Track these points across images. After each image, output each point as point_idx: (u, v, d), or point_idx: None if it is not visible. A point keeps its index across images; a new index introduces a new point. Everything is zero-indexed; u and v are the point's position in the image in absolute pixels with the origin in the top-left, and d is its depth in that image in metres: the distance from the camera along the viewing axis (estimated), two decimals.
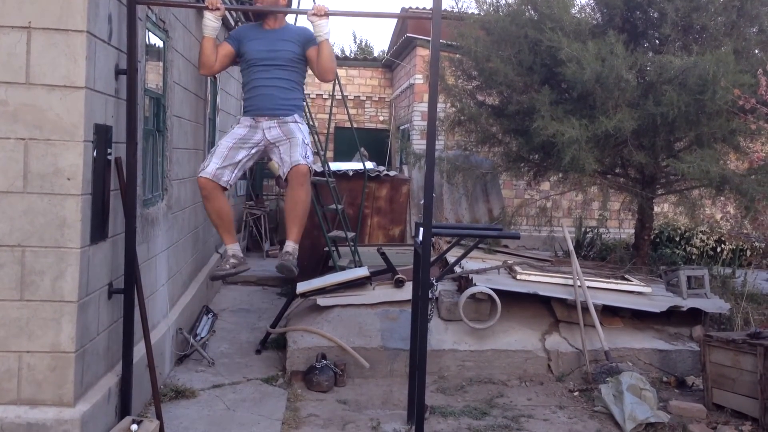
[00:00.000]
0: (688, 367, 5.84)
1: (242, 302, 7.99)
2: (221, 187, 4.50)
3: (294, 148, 4.45)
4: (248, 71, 4.66)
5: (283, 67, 4.61)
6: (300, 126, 4.61)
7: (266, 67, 4.59)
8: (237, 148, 4.50)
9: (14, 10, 3.31)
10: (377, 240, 9.11)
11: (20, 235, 3.38)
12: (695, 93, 6.34)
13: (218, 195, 4.48)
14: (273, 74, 4.60)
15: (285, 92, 4.63)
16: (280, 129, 4.55)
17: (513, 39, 7.35)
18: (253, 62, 4.60)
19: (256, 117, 4.61)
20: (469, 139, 8.69)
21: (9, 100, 3.33)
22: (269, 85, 4.59)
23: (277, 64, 4.59)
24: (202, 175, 4.43)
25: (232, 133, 4.60)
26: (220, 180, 4.43)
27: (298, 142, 4.49)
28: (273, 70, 4.59)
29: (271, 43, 4.59)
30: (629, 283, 6.66)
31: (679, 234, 10.18)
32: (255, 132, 4.57)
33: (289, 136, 4.53)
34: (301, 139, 4.51)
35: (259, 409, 4.82)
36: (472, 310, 5.87)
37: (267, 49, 4.57)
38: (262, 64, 4.58)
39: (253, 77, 4.64)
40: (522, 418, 4.91)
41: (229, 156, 4.45)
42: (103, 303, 3.86)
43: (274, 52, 4.58)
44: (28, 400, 3.43)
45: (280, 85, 4.61)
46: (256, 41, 4.61)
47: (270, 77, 4.60)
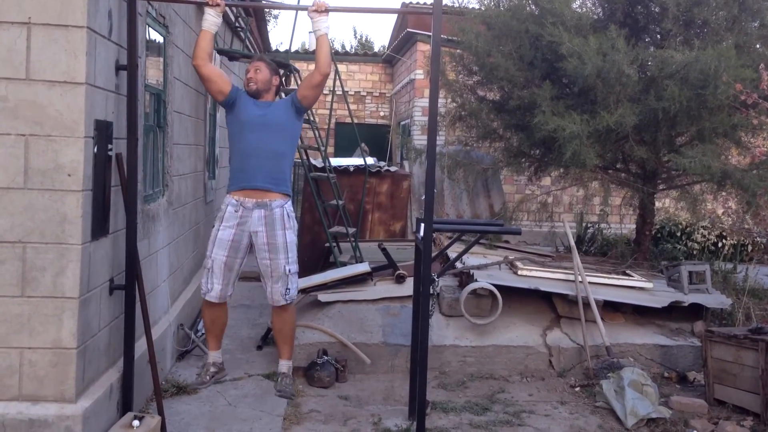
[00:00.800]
0: (689, 362, 5.84)
1: (243, 298, 7.99)
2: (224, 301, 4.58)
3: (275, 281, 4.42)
4: (239, 133, 4.49)
5: (276, 132, 4.48)
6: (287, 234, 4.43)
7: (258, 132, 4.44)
8: (232, 259, 4.44)
9: (14, 6, 3.30)
10: (378, 236, 9.11)
11: (21, 231, 3.37)
12: (697, 88, 6.33)
13: (221, 306, 4.56)
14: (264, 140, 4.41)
15: (274, 163, 4.48)
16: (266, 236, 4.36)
17: (514, 34, 7.33)
18: (245, 123, 4.46)
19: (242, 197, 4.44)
20: (470, 135, 8.67)
21: (9, 96, 3.33)
22: (259, 155, 4.42)
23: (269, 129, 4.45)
24: (209, 299, 4.47)
25: (221, 240, 4.42)
26: (225, 297, 4.52)
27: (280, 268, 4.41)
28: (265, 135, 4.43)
29: (264, 109, 4.49)
30: (630, 278, 6.66)
31: (681, 229, 10.18)
32: (242, 235, 4.41)
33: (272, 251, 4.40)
34: (283, 267, 4.41)
35: (261, 404, 4.83)
36: (473, 305, 5.87)
37: (260, 114, 4.47)
38: (255, 129, 4.45)
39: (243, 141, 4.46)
40: (523, 414, 4.91)
41: (226, 273, 4.46)
42: (105, 299, 3.86)
43: (267, 117, 4.47)
44: (30, 397, 3.43)
45: (269, 155, 4.45)
46: (251, 106, 4.50)
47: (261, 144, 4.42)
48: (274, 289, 4.48)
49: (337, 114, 15.50)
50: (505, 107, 7.81)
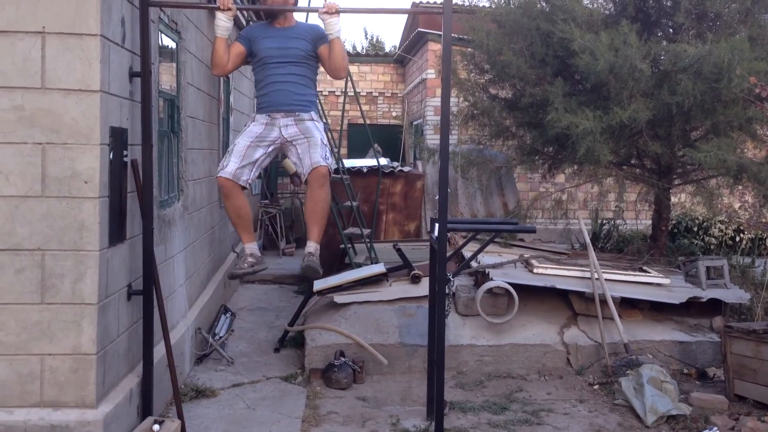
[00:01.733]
0: (708, 358, 5.80)
1: (260, 301, 8.02)
2: (241, 186, 4.52)
3: (313, 149, 4.44)
4: (261, 69, 4.65)
5: (296, 63, 4.61)
6: (317, 124, 4.60)
7: (279, 64, 4.59)
8: (254, 147, 4.50)
9: (28, 16, 3.34)
10: (393, 236, 9.12)
11: (40, 239, 3.41)
12: (710, 81, 6.28)
13: (238, 194, 4.51)
14: (286, 70, 4.59)
15: (299, 88, 4.62)
16: (297, 127, 4.54)
17: (525, 31, 7.31)
18: (265, 60, 4.59)
19: (272, 114, 4.60)
20: (483, 133, 8.65)
21: (25, 105, 3.36)
22: (283, 80, 4.58)
23: (289, 60, 4.59)
24: (222, 174, 4.45)
25: (248, 131, 4.59)
26: (239, 179, 4.45)
27: (317, 141, 4.47)
28: (286, 66, 4.59)
29: (282, 41, 4.58)
30: (647, 274, 6.61)
31: (697, 224, 10.10)
32: (271, 130, 4.56)
33: (306, 135, 4.51)
34: (320, 138, 4.50)
35: (279, 407, 4.84)
36: (489, 304, 5.86)
37: (279, 47, 4.57)
38: (274, 61, 4.58)
39: (266, 74, 4.63)
40: (542, 413, 4.90)
41: (247, 155, 4.46)
42: (123, 304, 3.89)
43: (287, 50, 4.58)
44: (51, 402, 3.46)
45: (294, 80, 4.60)
46: (267, 39, 4.60)
47: (284, 73, 4.59)
48: (313, 154, 4.42)
49: (349, 115, 15.50)
50: (517, 105, 7.78)
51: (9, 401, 3.43)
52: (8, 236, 3.38)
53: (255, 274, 4.80)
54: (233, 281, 7.94)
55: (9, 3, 3.32)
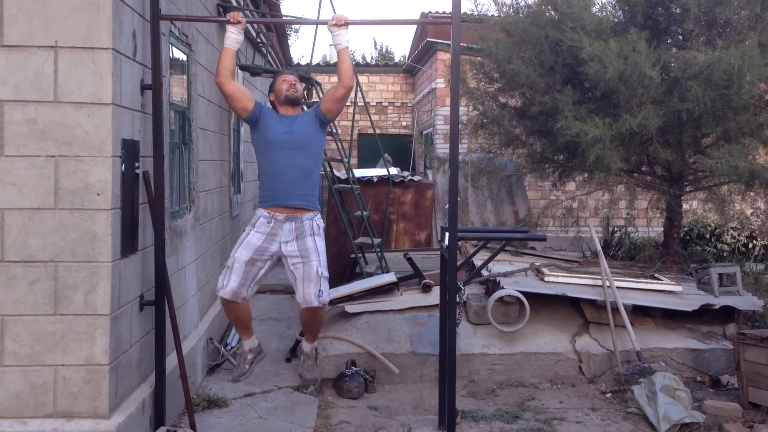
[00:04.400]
0: (722, 365, 5.76)
1: (271, 311, 8.04)
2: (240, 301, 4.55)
3: (307, 281, 4.40)
4: (266, 152, 4.56)
5: (303, 149, 4.53)
6: (317, 239, 4.50)
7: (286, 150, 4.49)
8: (253, 263, 4.45)
9: (41, 30, 3.38)
10: (403, 245, 9.11)
11: (53, 250, 3.44)
12: (721, 88, 6.27)
13: (238, 305, 4.53)
14: (293, 158, 4.48)
15: (303, 181, 4.55)
16: (296, 244, 4.45)
17: (534, 40, 7.32)
18: (272, 143, 4.51)
19: (275, 211, 4.51)
20: (493, 142, 8.66)
21: (38, 119, 3.40)
22: (288, 174, 4.50)
23: (296, 147, 4.51)
24: (222, 295, 4.45)
25: (248, 242, 4.46)
26: (238, 297, 4.45)
27: (312, 271, 4.39)
28: (293, 153, 4.50)
29: (290, 126, 4.54)
30: (659, 282, 6.59)
31: (710, 231, 10.04)
32: (271, 243, 4.45)
33: (304, 257, 4.41)
34: (316, 268, 4.43)
35: (291, 417, 4.85)
36: (500, 313, 5.85)
37: (286, 131, 4.51)
38: (281, 147, 4.50)
39: (271, 159, 4.52)
40: (554, 421, 4.88)
41: (246, 273, 4.44)
42: (135, 315, 3.91)
43: (293, 134, 4.51)
44: (65, 413, 3.49)
45: (298, 174, 4.50)
46: (276, 123, 4.55)
47: (290, 162, 4.48)
48: (306, 290, 4.42)
49: (359, 125, 15.55)
50: (527, 113, 7.79)
51: (23, 412, 3.46)
52: (22, 248, 3.42)
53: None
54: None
55: (22, 18, 3.36)
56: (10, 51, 3.37)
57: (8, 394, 3.45)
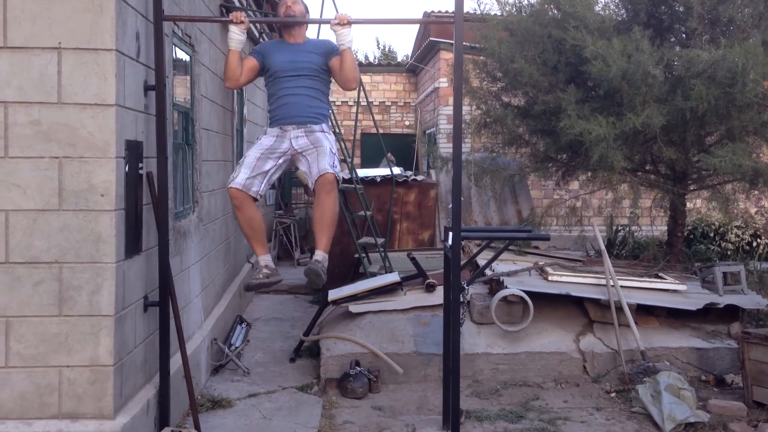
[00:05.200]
0: (726, 365, 5.75)
1: (275, 311, 8.04)
2: (252, 197, 4.53)
3: (321, 157, 4.46)
4: (274, 83, 4.70)
5: (308, 76, 4.66)
6: (327, 135, 4.64)
7: (291, 78, 4.63)
8: (265, 158, 4.52)
9: (45, 32, 3.39)
10: (407, 245, 9.11)
11: (57, 251, 3.44)
12: (724, 86, 6.25)
13: (249, 205, 4.51)
14: (299, 83, 4.64)
15: (311, 101, 4.66)
16: (307, 138, 4.58)
17: (536, 39, 7.31)
18: (278, 73, 4.65)
19: (283, 126, 4.64)
20: (496, 141, 8.65)
21: (42, 120, 3.41)
22: (295, 93, 4.63)
23: (301, 74, 4.64)
24: (232, 185, 4.47)
25: (260, 143, 4.63)
26: (249, 190, 4.46)
27: (326, 150, 4.50)
28: (298, 80, 4.64)
29: (294, 55, 4.64)
30: (663, 281, 6.58)
31: (714, 229, 10.02)
32: (282, 141, 4.59)
33: (316, 144, 4.54)
34: (329, 148, 4.53)
35: (295, 417, 4.85)
36: (504, 312, 5.85)
37: (291, 60, 4.62)
38: (287, 75, 4.63)
39: (278, 88, 4.68)
40: (559, 421, 4.87)
41: (257, 166, 4.47)
42: (139, 316, 3.92)
43: (298, 63, 4.63)
44: (69, 414, 3.49)
45: (306, 93, 4.65)
46: (280, 54, 4.66)
47: (296, 86, 4.63)
48: (321, 161, 4.41)
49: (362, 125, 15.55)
50: (530, 112, 7.78)
51: (28, 413, 3.47)
52: (26, 249, 3.42)
53: (270, 285, 4.77)
54: (248, 292, 7.97)
55: (26, 19, 3.37)
56: (13, 52, 3.38)
57: (13, 395, 3.46)
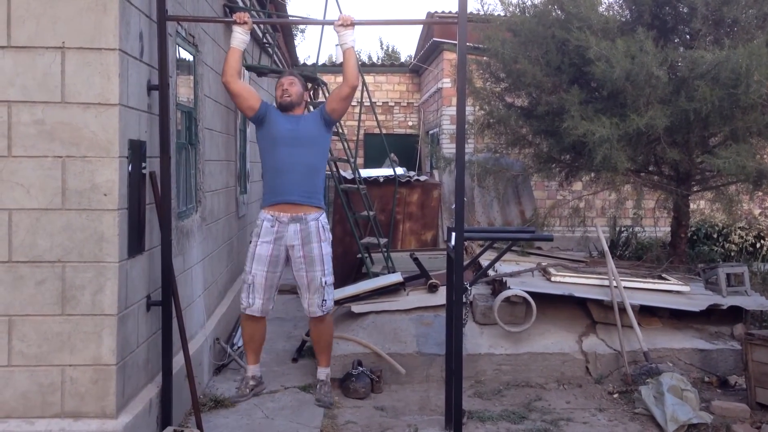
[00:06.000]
0: (730, 366, 5.74)
1: (277, 311, 8.03)
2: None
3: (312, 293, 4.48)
4: (270, 149, 4.60)
5: (308, 146, 4.57)
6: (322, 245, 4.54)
7: (290, 147, 4.55)
8: (272, 276, 4.57)
9: (48, 31, 3.39)
10: (410, 245, 9.11)
11: (60, 251, 3.45)
12: (728, 87, 6.24)
13: (259, 324, 4.60)
14: (297, 154, 4.54)
15: (308, 177, 4.58)
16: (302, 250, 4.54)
17: (540, 39, 7.31)
18: (277, 140, 4.56)
19: (277, 213, 4.53)
20: (499, 142, 8.65)
21: (46, 120, 3.41)
22: (292, 169, 4.54)
23: (301, 144, 4.55)
24: (252, 313, 4.51)
25: (259, 256, 4.56)
26: (267, 313, 4.55)
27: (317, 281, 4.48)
28: (297, 150, 4.55)
29: (296, 125, 4.59)
30: (667, 282, 6.57)
31: (717, 231, 10.01)
32: (279, 248, 4.56)
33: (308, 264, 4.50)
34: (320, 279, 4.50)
35: (298, 417, 4.85)
36: (507, 313, 5.84)
37: (292, 129, 4.57)
38: (286, 143, 4.54)
39: (275, 155, 4.59)
40: (561, 422, 4.87)
41: (267, 287, 4.56)
42: (142, 315, 3.92)
43: (298, 131, 4.58)
44: (72, 413, 3.50)
45: (302, 170, 4.55)
46: (281, 121, 4.60)
47: (293, 160, 4.54)
48: (311, 301, 4.51)
49: (365, 125, 15.56)
50: (533, 113, 7.78)
51: (30, 412, 3.47)
52: (29, 248, 3.43)
53: (256, 396, 5.03)
54: None
55: (29, 19, 3.37)
56: (17, 52, 3.38)
57: (16, 394, 3.46)
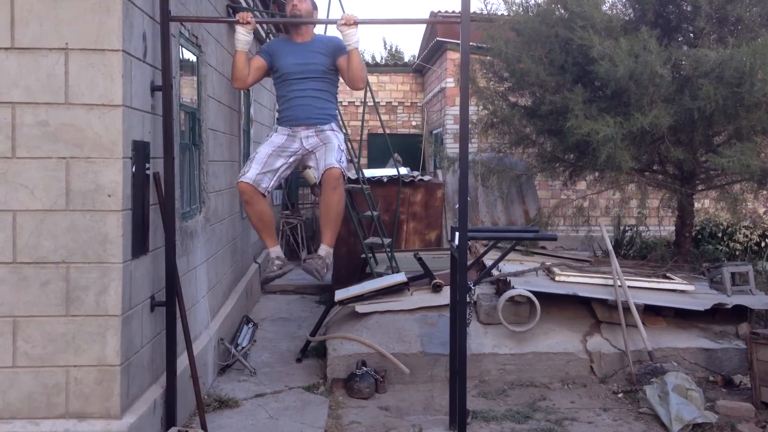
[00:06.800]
0: (734, 365, 5.72)
1: (281, 311, 8.05)
2: (261, 192, 4.58)
3: (329, 153, 4.52)
4: (282, 84, 4.74)
5: (317, 78, 4.68)
6: (336, 134, 4.69)
7: (300, 80, 4.66)
8: (276, 156, 4.58)
9: (52, 33, 3.40)
10: (413, 245, 9.10)
11: (64, 252, 3.45)
12: (732, 86, 6.23)
13: (259, 199, 4.57)
14: (308, 86, 4.67)
15: (320, 102, 4.70)
16: (317, 137, 4.64)
17: (543, 39, 7.30)
18: (286, 76, 4.68)
19: (294, 127, 4.67)
20: (503, 141, 8.64)
21: (50, 121, 3.42)
22: (304, 95, 4.66)
23: (310, 76, 4.66)
24: (243, 180, 4.52)
25: (271, 140, 4.68)
26: (259, 186, 4.52)
27: (333, 147, 4.56)
28: (307, 82, 4.67)
29: (303, 56, 4.66)
30: (671, 281, 6.55)
31: (722, 230, 9.98)
32: (293, 141, 4.65)
33: (325, 141, 4.62)
34: (337, 145, 4.59)
35: (302, 417, 4.85)
36: (511, 313, 5.84)
37: (300, 62, 4.65)
38: (295, 77, 4.65)
39: (288, 90, 4.71)
40: (566, 421, 4.86)
41: (268, 163, 4.53)
42: (146, 316, 3.93)
43: (307, 65, 4.66)
44: (77, 414, 3.50)
45: (315, 95, 4.68)
46: (288, 55, 4.67)
47: (305, 88, 4.67)
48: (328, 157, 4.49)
49: (369, 125, 15.55)
50: (537, 112, 7.77)
51: (35, 413, 3.48)
52: (34, 249, 3.44)
53: (284, 275, 4.87)
54: (254, 292, 8.00)
55: (33, 21, 3.38)
56: (21, 53, 3.39)
57: (21, 394, 3.47)
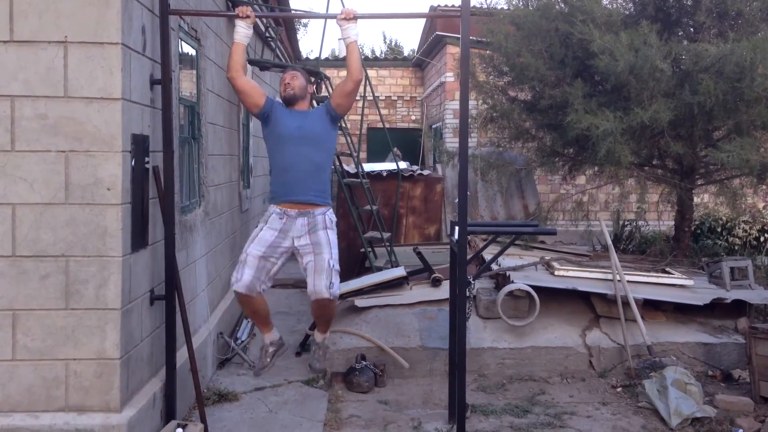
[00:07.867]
0: (733, 360, 5.73)
1: (281, 305, 8.05)
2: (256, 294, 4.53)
3: (318, 273, 4.38)
4: (277, 147, 4.55)
5: (314, 144, 4.53)
6: (329, 233, 4.51)
7: (296, 145, 4.51)
8: (266, 258, 4.44)
9: (51, 26, 3.39)
10: (413, 239, 9.11)
11: (64, 245, 3.45)
12: (732, 81, 6.22)
13: (253, 299, 4.51)
14: (304, 153, 4.48)
15: (315, 176, 4.55)
16: (309, 238, 4.46)
17: (543, 33, 7.29)
18: (283, 137, 4.52)
19: (287, 208, 4.51)
20: (502, 136, 8.64)
21: (49, 114, 3.41)
22: (298, 169, 4.50)
23: (308, 143, 4.51)
24: (238, 289, 4.44)
25: (261, 238, 4.46)
26: (253, 292, 4.44)
27: (324, 263, 4.37)
28: (304, 148, 4.50)
29: (302, 121, 4.53)
30: (670, 276, 6.56)
31: (721, 224, 9.99)
32: (284, 239, 4.46)
33: (316, 250, 4.43)
34: (327, 260, 4.42)
35: (301, 410, 4.86)
36: (510, 307, 5.84)
37: (298, 126, 4.51)
38: (292, 142, 4.50)
39: (282, 153, 4.53)
40: (565, 415, 4.87)
41: (260, 267, 4.43)
42: (146, 309, 3.93)
43: (304, 129, 4.51)
44: (76, 407, 3.51)
45: (309, 168, 4.51)
46: (287, 118, 4.54)
47: (300, 157, 4.50)
48: (317, 281, 4.41)
49: (368, 119, 15.54)
50: (536, 107, 7.76)
51: (35, 406, 3.48)
52: (33, 243, 3.44)
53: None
54: None
55: (32, 14, 3.37)
56: (20, 46, 3.38)
57: (20, 387, 3.47)
